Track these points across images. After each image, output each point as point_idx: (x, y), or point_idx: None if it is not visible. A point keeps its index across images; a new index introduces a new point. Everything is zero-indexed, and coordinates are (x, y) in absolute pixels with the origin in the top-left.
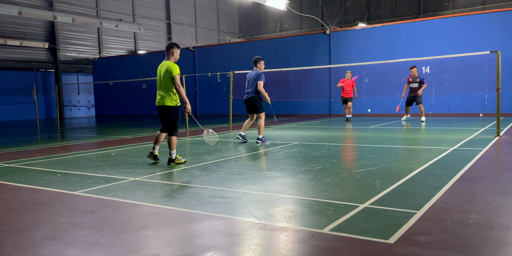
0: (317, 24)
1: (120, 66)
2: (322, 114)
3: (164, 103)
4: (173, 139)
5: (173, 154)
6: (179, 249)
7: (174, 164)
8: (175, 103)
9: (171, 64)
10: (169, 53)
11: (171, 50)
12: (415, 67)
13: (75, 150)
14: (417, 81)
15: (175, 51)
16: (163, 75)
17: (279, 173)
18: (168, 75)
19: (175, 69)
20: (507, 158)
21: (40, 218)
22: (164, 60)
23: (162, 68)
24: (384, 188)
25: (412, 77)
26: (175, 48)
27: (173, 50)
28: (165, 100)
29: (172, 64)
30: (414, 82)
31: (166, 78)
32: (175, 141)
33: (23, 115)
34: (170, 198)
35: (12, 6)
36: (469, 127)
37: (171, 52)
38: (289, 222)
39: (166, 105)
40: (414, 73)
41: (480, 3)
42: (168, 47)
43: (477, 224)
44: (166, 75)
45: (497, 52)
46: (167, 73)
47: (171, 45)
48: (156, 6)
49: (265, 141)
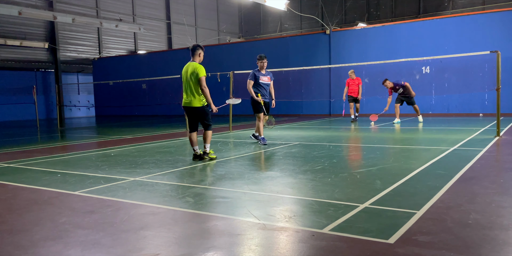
0: (317, 24)
1: (120, 66)
2: (322, 114)
3: (192, 104)
4: (209, 133)
5: (208, 148)
6: (179, 249)
7: (207, 157)
8: (202, 103)
9: (198, 66)
10: (195, 55)
11: (196, 52)
12: (386, 80)
13: (75, 150)
14: (397, 89)
15: (200, 52)
16: (189, 76)
17: (279, 173)
18: (195, 77)
19: (202, 71)
20: (507, 158)
21: (40, 218)
22: (190, 62)
23: (188, 69)
24: (384, 188)
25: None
26: (200, 50)
27: (199, 52)
28: (193, 102)
29: (199, 66)
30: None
31: (193, 80)
32: (210, 135)
33: (23, 115)
34: (170, 198)
35: (12, 6)
36: (469, 127)
37: (197, 54)
38: (289, 222)
39: (194, 106)
40: (388, 86)
41: (480, 3)
42: (194, 49)
43: (477, 224)
44: (192, 77)
45: (497, 52)
46: (193, 74)
47: (196, 48)
48: (156, 6)
49: (260, 141)
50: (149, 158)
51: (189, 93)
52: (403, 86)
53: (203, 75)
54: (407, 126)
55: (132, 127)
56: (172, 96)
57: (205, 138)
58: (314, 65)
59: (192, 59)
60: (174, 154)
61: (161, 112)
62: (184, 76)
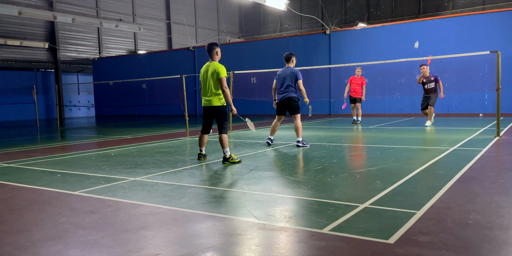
0: (317, 24)
1: (120, 66)
2: (322, 114)
3: (212, 103)
4: (224, 137)
5: (227, 153)
6: (179, 249)
7: (228, 163)
8: (222, 103)
9: (218, 66)
10: (213, 54)
11: (214, 51)
12: (425, 65)
13: (75, 150)
14: (431, 80)
15: (218, 50)
16: (210, 76)
17: (279, 173)
18: (216, 77)
19: (223, 71)
20: (507, 158)
21: (40, 218)
22: (209, 61)
23: (208, 69)
24: (384, 188)
25: (424, 77)
26: (216, 48)
27: (216, 50)
28: (213, 101)
29: (220, 66)
30: (430, 82)
31: (214, 80)
32: (226, 139)
33: (23, 115)
34: (170, 198)
35: (12, 6)
36: (469, 127)
37: (215, 53)
38: (289, 222)
39: (214, 105)
40: (425, 72)
41: (480, 3)
42: (210, 48)
43: (477, 224)
44: (213, 77)
45: (497, 52)
46: (214, 74)
47: (212, 46)
48: (156, 6)
49: (306, 144)
50: (149, 158)
51: (208, 93)
52: (437, 82)
53: (224, 76)
54: (407, 126)
55: (132, 127)
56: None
57: (221, 143)
58: (314, 65)
59: (211, 59)
60: (174, 154)
61: (161, 112)
62: (203, 76)
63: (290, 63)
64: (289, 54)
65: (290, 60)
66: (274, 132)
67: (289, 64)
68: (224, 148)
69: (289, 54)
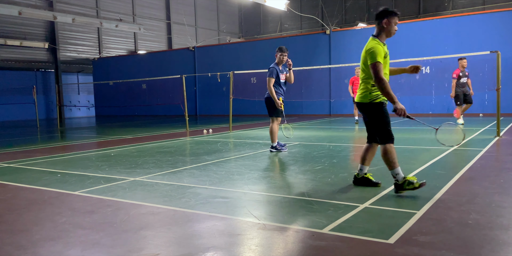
0: (317, 24)
1: (120, 66)
2: (322, 114)
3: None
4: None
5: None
6: (179, 249)
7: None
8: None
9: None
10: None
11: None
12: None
13: (75, 150)
14: (466, 75)
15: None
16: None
17: (279, 173)
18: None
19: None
20: (507, 158)
21: (40, 218)
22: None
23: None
24: (384, 188)
25: (461, 71)
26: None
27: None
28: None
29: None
30: (465, 76)
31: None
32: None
33: (23, 115)
34: (170, 198)
35: (12, 6)
36: (469, 127)
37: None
38: (289, 222)
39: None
40: (464, 65)
41: (480, 3)
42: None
43: (477, 224)
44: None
45: (497, 52)
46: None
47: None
48: (156, 6)
49: (281, 149)
50: (149, 158)
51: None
52: (468, 77)
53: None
54: (407, 126)
55: (132, 127)
56: (172, 96)
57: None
58: (314, 65)
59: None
60: (174, 154)
61: (161, 112)
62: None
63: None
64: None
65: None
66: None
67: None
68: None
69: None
